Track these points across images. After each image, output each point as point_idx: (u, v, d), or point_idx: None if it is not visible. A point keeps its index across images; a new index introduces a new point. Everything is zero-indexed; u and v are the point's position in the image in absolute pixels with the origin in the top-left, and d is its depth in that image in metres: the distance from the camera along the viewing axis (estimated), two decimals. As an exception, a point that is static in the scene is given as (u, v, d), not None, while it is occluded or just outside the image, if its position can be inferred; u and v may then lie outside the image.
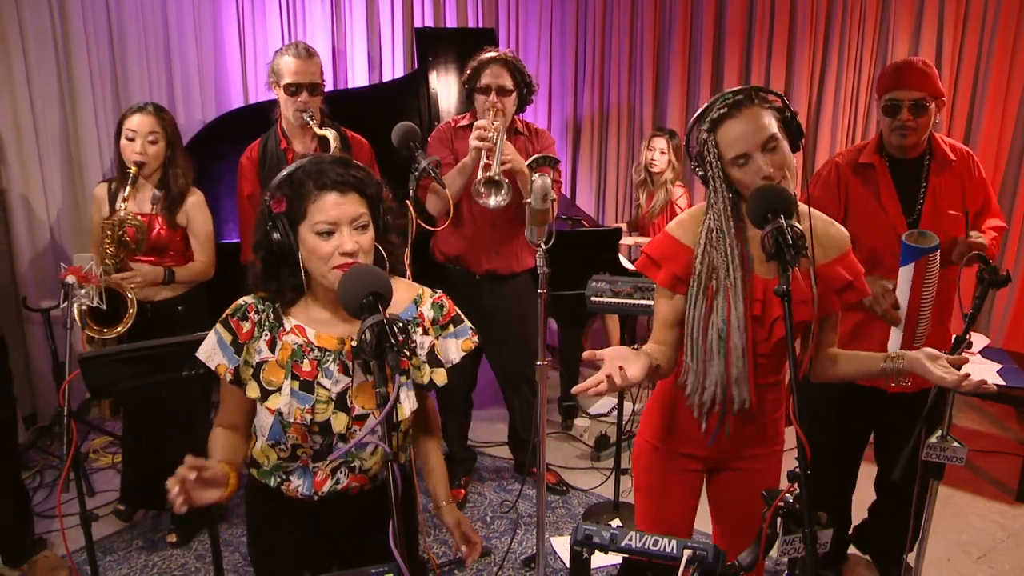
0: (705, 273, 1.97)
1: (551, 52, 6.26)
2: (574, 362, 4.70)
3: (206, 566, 3.35)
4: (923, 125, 2.68)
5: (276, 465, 1.87)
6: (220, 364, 1.79)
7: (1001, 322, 5.16)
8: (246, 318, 1.80)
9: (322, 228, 1.72)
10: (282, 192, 1.75)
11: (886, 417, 2.91)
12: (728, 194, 1.94)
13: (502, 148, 3.22)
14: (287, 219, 1.74)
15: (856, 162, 2.79)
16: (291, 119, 3.29)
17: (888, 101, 2.69)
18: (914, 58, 2.80)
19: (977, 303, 2.32)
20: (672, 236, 2.05)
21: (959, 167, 2.77)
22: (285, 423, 1.79)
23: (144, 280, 3.27)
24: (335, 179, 1.73)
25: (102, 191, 3.35)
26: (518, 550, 3.51)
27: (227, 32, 5.11)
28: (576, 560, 1.56)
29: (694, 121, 1.98)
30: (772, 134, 1.88)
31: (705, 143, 1.92)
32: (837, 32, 5.45)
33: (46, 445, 4.20)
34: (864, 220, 2.74)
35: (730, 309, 1.95)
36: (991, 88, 5.02)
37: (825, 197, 2.80)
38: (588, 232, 4.63)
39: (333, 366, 1.81)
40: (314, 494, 1.87)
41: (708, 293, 1.97)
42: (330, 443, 1.82)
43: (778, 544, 1.59)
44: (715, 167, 1.92)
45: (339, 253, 1.72)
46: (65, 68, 4.22)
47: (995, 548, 3.58)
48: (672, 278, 2.03)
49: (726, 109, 1.90)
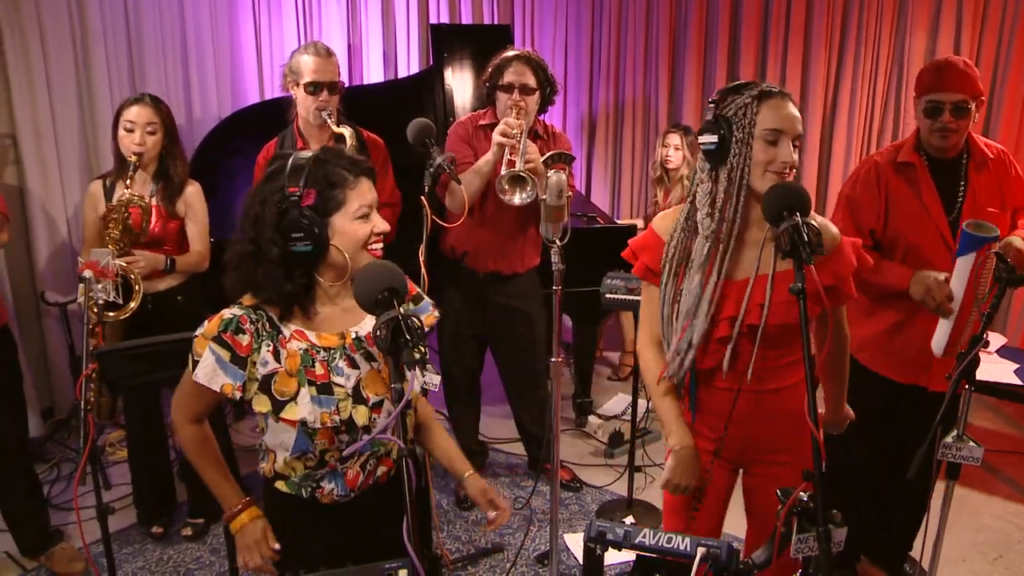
0: (677, 257, 2.02)
1: (566, 47, 6.26)
2: (588, 359, 4.71)
3: (220, 559, 3.37)
4: (964, 127, 2.65)
5: (305, 475, 1.84)
6: (225, 384, 1.74)
7: (1018, 321, 5.12)
8: (241, 331, 1.74)
9: (364, 212, 1.78)
10: (308, 186, 1.73)
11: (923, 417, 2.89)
12: (748, 160, 1.92)
13: (526, 146, 3.22)
14: (316, 212, 1.74)
15: (896, 161, 2.78)
16: (310, 119, 3.28)
17: (929, 103, 2.65)
18: (955, 57, 2.75)
19: (994, 302, 2.31)
20: (653, 229, 2.11)
21: (996, 165, 2.76)
22: (311, 431, 1.76)
23: (147, 265, 3.25)
24: (361, 166, 1.82)
25: (97, 187, 3.33)
26: (531, 546, 3.52)
27: (243, 28, 5.13)
28: (590, 557, 1.56)
29: (737, 85, 1.97)
30: (802, 134, 1.94)
31: (747, 107, 1.91)
32: (854, 30, 5.42)
33: (63, 438, 4.24)
34: (906, 219, 2.74)
35: (708, 277, 1.97)
36: (1009, 88, 4.97)
37: (866, 196, 2.79)
38: (603, 229, 4.62)
39: (341, 362, 1.81)
40: (349, 492, 1.87)
41: (679, 275, 2.02)
42: (355, 438, 1.82)
43: (792, 543, 1.58)
44: (746, 132, 1.91)
45: (374, 233, 1.80)
46: (83, 66, 4.24)
47: (1011, 549, 3.55)
48: (644, 268, 2.09)
49: (777, 91, 1.94)
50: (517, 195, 3.23)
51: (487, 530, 2.03)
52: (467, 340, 3.73)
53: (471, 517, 3.72)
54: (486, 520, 2.04)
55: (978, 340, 2.23)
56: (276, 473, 1.87)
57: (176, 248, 3.40)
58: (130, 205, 3.20)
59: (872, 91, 5.48)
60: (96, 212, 3.31)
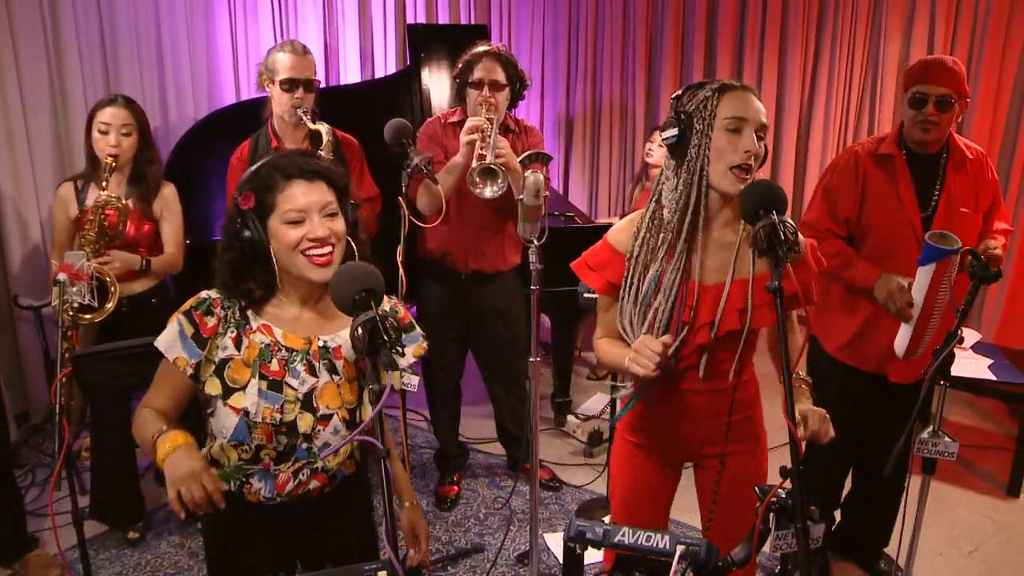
0: (643, 256, 2.00)
1: (543, 48, 6.26)
2: (567, 359, 4.71)
3: (199, 563, 3.34)
4: (946, 121, 2.70)
5: (237, 467, 1.84)
6: (179, 357, 1.76)
7: (992, 318, 5.18)
8: (211, 312, 1.78)
9: (291, 216, 1.74)
10: (250, 187, 1.76)
11: (882, 408, 2.92)
12: (707, 155, 1.92)
13: (496, 140, 3.21)
14: (256, 214, 1.75)
15: (876, 152, 2.81)
16: (285, 116, 3.27)
17: (915, 94, 2.71)
18: (946, 56, 2.85)
19: (968, 298, 2.33)
20: (608, 243, 2.09)
21: (974, 166, 2.80)
22: (252, 423, 1.77)
23: (123, 266, 3.23)
24: (302, 167, 1.77)
25: (68, 190, 3.30)
26: (511, 546, 3.51)
27: (219, 29, 5.08)
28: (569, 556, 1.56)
29: (699, 83, 1.97)
30: (766, 124, 1.93)
31: (707, 100, 1.92)
32: (829, 29, 5.47)
33: (38, 443, 4.19)
34: (880, 210, 2.78)
35: (667, 288, 1.96)
36: (981, 91, 5.03)
37: (842, 185, 2.83)
38: (581, 228, 4.62)
39: (300, 366, 1.81)
40: (276, 496, 1.86)
41: (646, 271, 2.00)
42: (294, 444, 1.81)
43: (770, 539, 1.59)
44: (706, 124, 1.91)
45: (308, 239, 1.74)
46: (56, 68, 4.19)
47: (986, 542, 3.59)
48: (607, 285, 2.07)
49: (738, 85, 1.94)
50: (488, 188, 3.22)
51: (410, 560, 2.02)
52: (448, 342, 3.72)
53: (451, 518, 3.72)
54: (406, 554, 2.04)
55: (953, 336, 2.25)
56: (211, 458, 1.87)
57: (151, 250, 3.37)
58: (107, 206, 3.17)
59: (848, 91, 5.54)
60: (67, 214, 3.27)
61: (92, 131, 3.21)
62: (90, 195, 3.24)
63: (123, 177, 3.29)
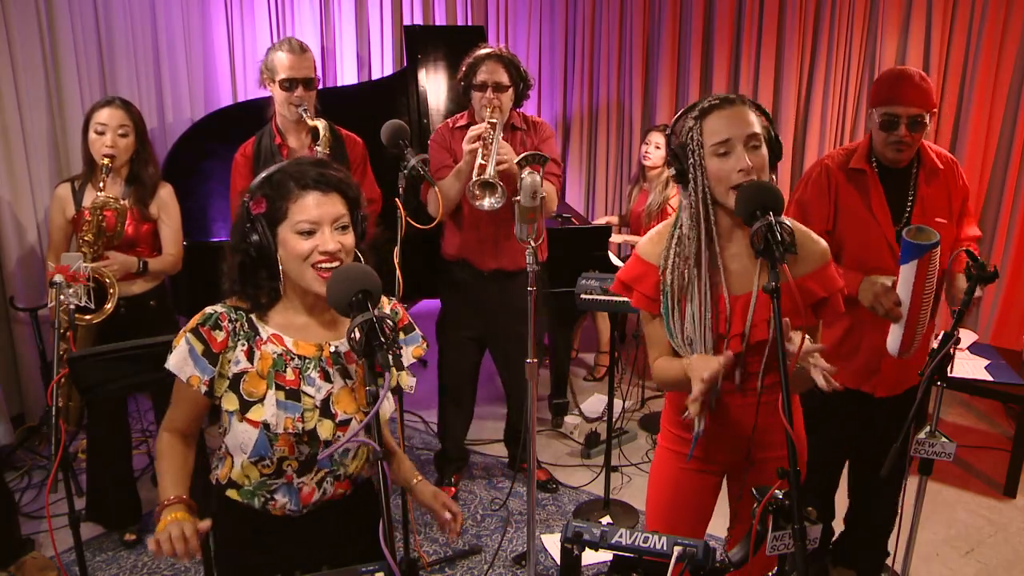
0: (676, 284, 2.00)
1: (540, 49, 6.27)
2: (564, 359, 4.71)
3: (195, 565, 3.34)
4: (918, 140, 2.66)
5: (260, 484, 1.82)
6: (192, 376, 1.73)
7: (989, 318, 5.19)
8: (219, 327, 1.75)
9: (303, 227, 1.72)
10: (262, 193, 1.74)
11: (871, 419, 2.91)
12: (706, 183, 1.93)
13: (498, 148, 3.23)
14: (266, 220, 1.73)
15: (847, 166, 2.76)
16: (286, 115, 3.29)
17: (885, 116, 2.62)
18: (911, 70, 2.70)
19: (965, 299, 2.33)
20: (639, 257, 2.09)
21: (945, 175, 2.76)
22: (272, 435, 1.75)
23: (120, 268, 3.23)
24: (316, 178, 1.74)
25: (65, 190, 3.30)
26: (509, 547, 3.51)
27: (216, 30, 5.09)
28: (567, 557, 1.56)
29: (683, 112, 1.99)
30: (757, 132, 1.91)
31: (691, 131, 1.93)
32: (825, 31, 5.46)
33: (34, 445, 4.18)
34: (853, 225, 2.73)
35: (700, 303, 1.97)
36: (977, 91, 5.02)
37: (816, 199, 2.77)
38: (578, 230, 4.63)
39: (314, 373, 1.80)
40: (302, 508, 1.85)
41: (682, 305, 2.00)
42: (315, 452, 1.80)
43: (768, 540, 1.59)
44: (697, 155, 1.92)
45: (319, 252, 1.72)
46: (52, 69, 4.18)
47: (983, 542, 3.60)
48: (645, 300, 2.06)
49: (717, 102, 1.93)
50: (487, 200, 3.26)
51: (450, 539, 2.00)
52: (467, 343, 3.74)
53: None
54: (443, 527, 2.02)
55: (950, 337, 2.25)
56: (230, 480, 1.85)
57: (149, 251, 3.37)
58: (105, 208, 3.17)
59: (844, 93, 5.53)
60: (64, 215, 3.27)
61: (89, 132, 3.21)
62: (87, 196, 3.23)
63: (120, 178, 3.29)
